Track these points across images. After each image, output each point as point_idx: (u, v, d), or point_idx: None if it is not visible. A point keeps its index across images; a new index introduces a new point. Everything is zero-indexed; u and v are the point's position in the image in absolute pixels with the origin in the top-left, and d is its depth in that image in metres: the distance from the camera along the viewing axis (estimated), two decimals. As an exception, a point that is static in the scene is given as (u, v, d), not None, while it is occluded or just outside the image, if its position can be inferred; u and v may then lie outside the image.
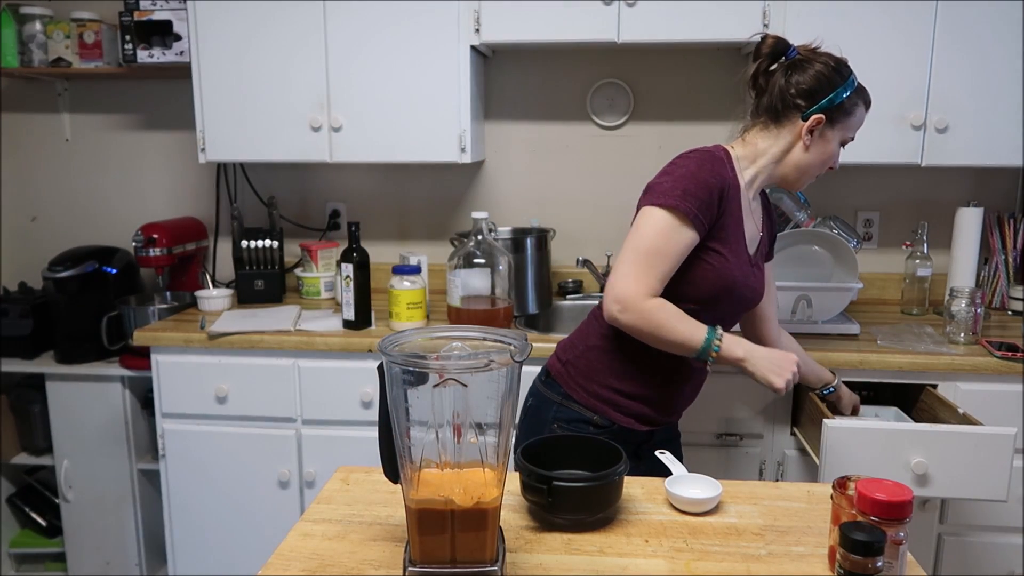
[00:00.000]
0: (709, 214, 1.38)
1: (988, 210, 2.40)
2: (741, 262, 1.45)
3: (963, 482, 1.56)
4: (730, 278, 1.43)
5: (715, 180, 1.39)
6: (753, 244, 1.51)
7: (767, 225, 1.60)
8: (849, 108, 1.45)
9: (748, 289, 1.47)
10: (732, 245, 1.43)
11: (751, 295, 1.49)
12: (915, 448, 1.55)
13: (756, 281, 1.50)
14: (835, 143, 1.47)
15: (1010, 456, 1.52)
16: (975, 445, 1.54)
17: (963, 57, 2.10)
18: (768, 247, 1.63)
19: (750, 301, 1.51)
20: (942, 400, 1.79)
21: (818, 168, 1.48)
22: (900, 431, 1.57)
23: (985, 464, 1.54)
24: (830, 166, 1.49)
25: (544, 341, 2.06)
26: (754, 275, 1.50)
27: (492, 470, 0.90)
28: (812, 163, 1.47)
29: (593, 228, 2.63)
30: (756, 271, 1.51)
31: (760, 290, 1.53)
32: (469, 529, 0.89)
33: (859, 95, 1.47)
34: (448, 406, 0.86)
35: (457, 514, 0.88)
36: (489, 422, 0.89)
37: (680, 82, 2.54)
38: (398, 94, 2.26)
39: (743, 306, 1.52)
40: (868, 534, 0.83)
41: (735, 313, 1.53)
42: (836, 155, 1.49)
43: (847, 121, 1.46)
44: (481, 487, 0.89)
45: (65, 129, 2.75)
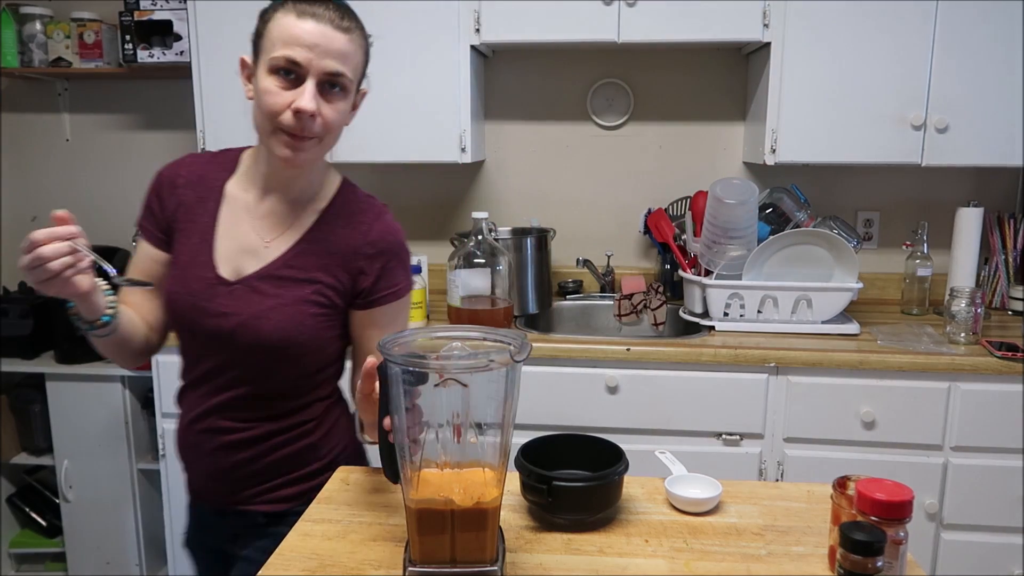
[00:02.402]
0: (153, 220, 1.24)
1: (988, 210, 2.40)
2: (195, 278, 1.18)
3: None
4: (176, 299, 1.19)
5: (157, 179, 1.25)
6: (247, 258, 1.19)
7: (320, 237, 1.21)
8: (260, 28, 1.14)
9: (214, 316, 1.16)
10: (185, 257, 1.20)
11: (227, 326, 1.16)
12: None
13: (237, 307, 1.16)
14: (262, 74, 1.11)
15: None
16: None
17: (963, 57, 2.10)
18: (326, 269, 1.20)
19: (233, 334, 1.16)
20: None
21: (261, 121, 1.13)
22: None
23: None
24: (295, 108, 1.09)
25: (544, 341, 2.06)
26: (233, 298, 1.17)
27: (492, 470, 0.90)
28: (256, 115, 1.14)
29: (593, 228, 2.63)
30: (244, 294, 1.17)
31: (241, 316, 1.16)
32: (469, 529, 0.89)
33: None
34: (448, 406, 0.86)
35: (457, 514, 0.88)
36: (489, 422, 0.89)
37: (680, 82, 2.54)
38: (398, 94, 2.26)
39: (225, 341, 1.17)
40: (868, 534, 0.83)
41: (219, 352, 1.19)
42: (270, 90, 1.09)
43: (264, 43, 1.12)
44: (481, 487, 0.89)
45: (65, 129, 2.75)
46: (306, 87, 1.09)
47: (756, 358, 1.96)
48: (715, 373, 1.99)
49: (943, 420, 1.95)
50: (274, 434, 1.24)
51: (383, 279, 1.23)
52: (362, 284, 1.22)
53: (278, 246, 1.20)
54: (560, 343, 2.05)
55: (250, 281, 1.18)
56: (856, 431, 1.97)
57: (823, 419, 1.98)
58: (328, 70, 1.10)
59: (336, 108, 1.14)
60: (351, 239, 1.21)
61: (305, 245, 1.20)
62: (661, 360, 2.00)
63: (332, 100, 1.13)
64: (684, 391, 2.00)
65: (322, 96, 1.11)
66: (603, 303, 2.50)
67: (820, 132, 2.17)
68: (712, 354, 1.98)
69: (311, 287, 1.19)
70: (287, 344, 1.17)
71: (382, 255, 1.22)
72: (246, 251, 1.20)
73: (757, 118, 2.33)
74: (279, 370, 1.21)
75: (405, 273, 1.26)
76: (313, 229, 1.21)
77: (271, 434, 1.24)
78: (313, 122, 1.11)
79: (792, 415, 1.99)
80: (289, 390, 1.24)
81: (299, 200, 1.22)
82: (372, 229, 1.22)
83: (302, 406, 1.26)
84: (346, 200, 1.25)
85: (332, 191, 1.25)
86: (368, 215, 1.24)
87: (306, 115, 1.09)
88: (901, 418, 1.95)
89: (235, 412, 1.23)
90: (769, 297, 2.12)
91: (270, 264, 1.19)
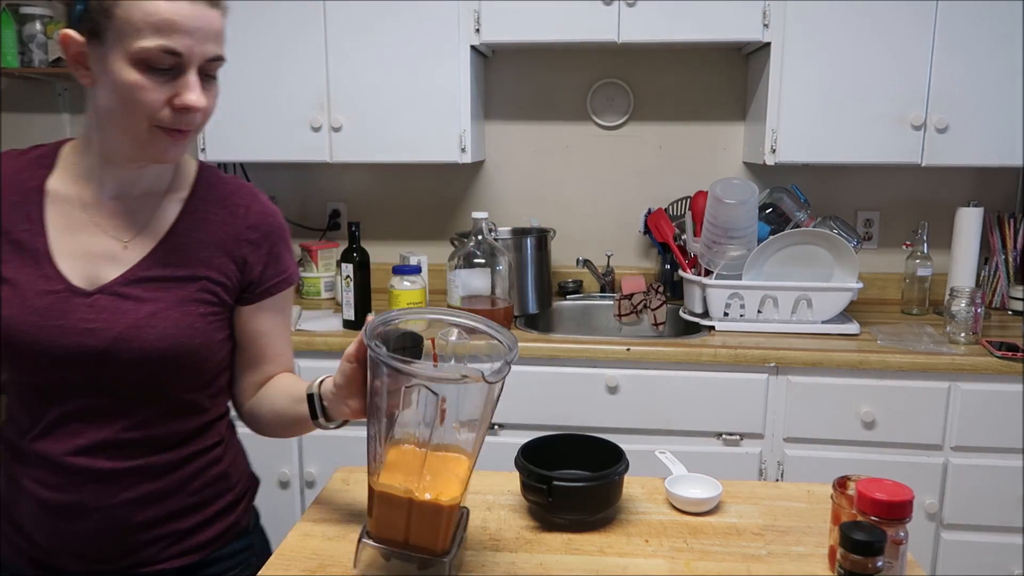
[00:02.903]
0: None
1: (988, 210, 2.39)
2: (37, 294, 0.98)
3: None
4: (14, 326, 0.97)
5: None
6: (102, 263, 1.01)
7: (185, 229, 1.06)
8: (105, 4, 0.90)
9: (75, 335, 0.97)
10: (14, 273, 0.99)
11: (97, 344, 0.97)
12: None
13: (106, 319, 0.98)
14: (121, 65, 0.90)
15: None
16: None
17: (963, 57, 2.09)
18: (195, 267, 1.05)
19: (108, 352, 0.97)
20: None
21: (125, 117, 0.93)
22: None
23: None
24: (180, 105, 0.93)
25: (544, 341, 2.06)
26: (97, 310, 0.99)
27: (465, 460, 0.92)
28: (110, 109, 0.94)
29: (593, 228, 2.63)
30: (111, 303, 0.99)
31: (115, 329, 0.98)
32: (425, 521, 0.90)
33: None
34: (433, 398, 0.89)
35: (415, 505, 0.89)
36: (465, 419, 0.91)
37: (680, 82, 2.54)
38: (398, 94, 2.26)
39: (97, 364, 0.98)
40: (868, 534, 0.83)
41: (88, 382, 0.99)
42: (143, 86, 0.91)
43: (118, 26, 0.89)
44: (445, 483, 0.91)
45: (65, 129, 2.75)
46: (189, 80, 0.93)
47: (756, 358, 1.96)
48: (715, 373, 1.99)
49: (943, 420, 1.95)
50: (178, 465, 1.06)
51: (271, 266, 1.11)
52: (250, 274, 1.09)
53: (141, 245, 1.03)
54: (560, 343, 2.05)
55: (114, 288, 1.00)
56: (856, 431, 1.97)
57: (823, 419, 1.98)
58: (210, 56, 0.94)
59: (213, 93, 0.99)
60: (229, 225, 1.08)
61: (176, 239, 1.04)
62: (661, 360, 2.00)
63: (209, 86, 0.98)
64: (684, 391, 2.00)
65: (201, 84, 0.96)
66: (603, 303, 2.50)
67: (820, 132, 2.17)
68: (712, 354, 1.98)
69: (194, 284, 1.04)
70: (179, 353, 1.01)
71: (267, 239, 1.10)
72: (99, 256, 1.01)
73: (757, 118, 2.33)
74: (172, 388, 1.04)
75: (291, 256, 1.15)
76: (181, 220, 1.06)
77: (175, 465, 1.06)
78: (196, 115, 0.96)
79: (792, 415, 1.99)
80: (186, 409, 1.07)
81: (152, 192, 1.05)
82: (251, 211, 1.10)
83: (205, 425, 1.10)
84: (212, 184, 1.10)
85: (191, 176, 1.09)
86: (243, 197, 1.11)
87: (193, 111, 0.94)
88: (901, 418, 1.95)
89: (121, 450, 1.02)
90: (769, 297, 2.12)
91: (137, 266, 1.02)
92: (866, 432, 1.97)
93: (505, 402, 2.06)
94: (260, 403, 1.13)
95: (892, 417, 1.95)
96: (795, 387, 1.98)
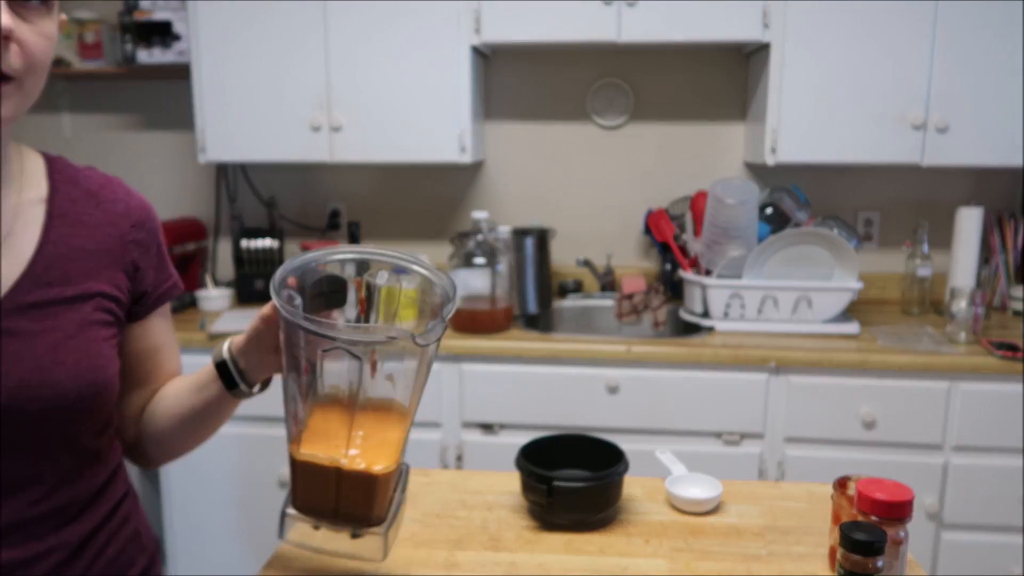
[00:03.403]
0: None
1: (988, 210, 2.40)
2: None
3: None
4: None
5: None
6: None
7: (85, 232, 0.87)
8: None
9: None
10: None
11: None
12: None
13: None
14: None
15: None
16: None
17: (963, 57, 2.09)
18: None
19: (6, 410, 0.77)
20: None
21: None
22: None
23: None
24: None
25: (544, 341, 2.06)
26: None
27: (402, 417, 0.84)
28: None
29: (593, 228, 2.63)
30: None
31: (13, 375, 0.77)
32: (356, 492, 0.81)
33: None
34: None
35: (344, 475, 0.80)
36: (399, 378, 0.83)
37: (680, 82, 2.54)
38: (398, 94, 2.26)
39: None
40: (868, 534, 0.83)
41: None
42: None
43: None
44: (376, 448, 0.82)
45: (65, 129, 2.75)
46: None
47: (756, 358, 1.96)
48: (715, 373, 1.99)
49: (943, 420, 1.95)
50: (91, 535, 0.86)
51: (161, 269, 0.95)
52: (142, 283, 0.92)
53: (10, 263, 0.81)
54: (560, 343, 2.05)
55: (2, 327, 0.78)
56: (856, 431, 1.97)
57: (823, 419, 1.98)
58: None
59: (41, 31, 0.76)
60: (111, 226, 0.89)
61: (52, 250, 0.83)
62: (661, 360, 2.00)
63: (31, 17, 0.75)
64: (684, 391, 2.00)
65: (16, 12, 0.74)
66: (603, 303, 2.50)
67: (820, 132, 2.17)
68: (712, 354, 1.98)
69: (88, 303, 0.84)
70: (94, 391, 0.82)
71: (153, 238, 0.94)
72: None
73: (757, 118, 2.33)
74: (81, 436, 0.85)
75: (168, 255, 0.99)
76: (51, 226, 0.84)
77: (88, 536, 0.86)
78: (8, 49, 0.73)
79: (792, 415, 1.99)
80: (91, 460, 0.87)
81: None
82: (131, 207, 0.92)
83: (111, 476, 0.91)
84: (72, 178, 0.90)
85: (40, 171, 0.89)
86: (115, 190, 0.92)
87: (5, 42, 0.72)
88: (901, 418, 1.95)
89: (27, 532, 0.80)
90: (769, 297, 2.12)
91: (14, 290, 0.80)
92: (866, 432, 1.97)
93: (505, 402, 2.06)
94: (151, 419, 0.96)
95: (892, 417, 1.95)
96: (795, 387, 1.98)
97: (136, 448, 0.99)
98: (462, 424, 2.10)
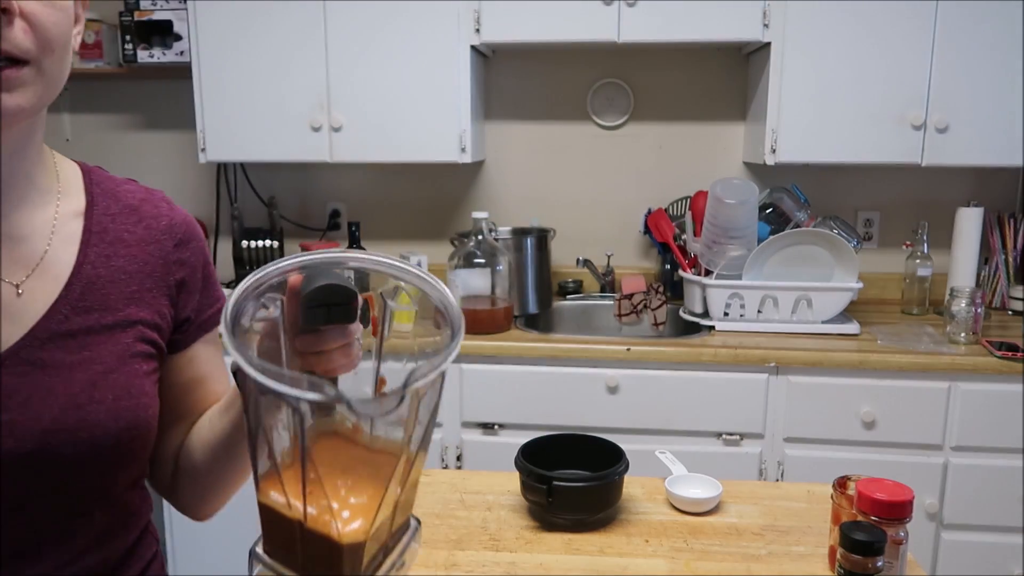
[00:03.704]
0: None
1: (988, 210, 2.39)
2: None
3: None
4: None
5: None
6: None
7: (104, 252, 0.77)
8: None
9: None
10: None
11: (19, 445, 0.67)
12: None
13: (25, 406, 0.68)
14: None
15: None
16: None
17: (963, 56, 2.09)
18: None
19: (37, 455, 0.68)
20: None
21: None
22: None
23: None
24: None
25: (544, 341, 2.06)
26: (7, 394, 0.67)
27: (403, 464, 0.64)
28: None
29: (593, 228, 2.63)
30: (26, 378, 0.68)
31: (46, 416, 0.68)
32: (320, 556, 0.63)
33: None
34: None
35: (306, 534, 0.62)
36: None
37: (680, 82, 2.54)
38: (398, 94, 2.26)
39: (16, 473, 0.67)
40: (868, 534, 0.83)
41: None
42: None
43: None
44: (361, 505, 0.63)
45: (65, 129, 2.75)
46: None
47: (756, 358, 1.96)
48: (715, 373, 1.99)
49: (943, 420, 1.95)
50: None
51: (207, 290, 0.84)
52: (185, 308, 0.82)
53: (43, 286, 0.72)
54: (560, 343, 2.05)
55: (22, 355, 0.68)
56: (856, 431, 1.97)
57: (823, 419, 1.98)
58: None
59: (53, 6, 0.67)
60: (154, 244, 0.80)
61: (90, 270, 0.74)
62: (661, 360, 2.00)
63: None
64: (684, 391, 2.00)
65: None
66: (603, 303, 2.50)
67: (820, 132, 2.17)
68: (712, 354, 1.98)
69: (128, 332, 0.75)
70: (134, 435, 0.73)
71: (199, 255, 0.84)
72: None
73: (757, 118, 2.33)
74: (118, 485, 0.76)
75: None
76: (89, 244, 0.75)
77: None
78: (10, 26, 0.63)
79: (792, 415, 1.99)
80: (123, 514, 0.79)
81: (31, 207, 0.73)
82: (175, 223, 0.82)
83: (143, 532, 0.83)
84: (111, 191, 0.80)
85: (76, 181, 0.79)
86: (157, 204, 0.83)
87: (10, 14, 0.63)
88: (901, 418, 1.95)
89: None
90: (769, 297, 2.12)
91: (46, 317, 0.71)
92: (866, 432, 1.97)
93: (505, 402, 2.06)
94: (187, 454, 0.84)
95: (892, 417, 1.95)
96: (795, 387, 1.98)
97: (174, 492, 0.88)
98: (462, 424, 2.10)
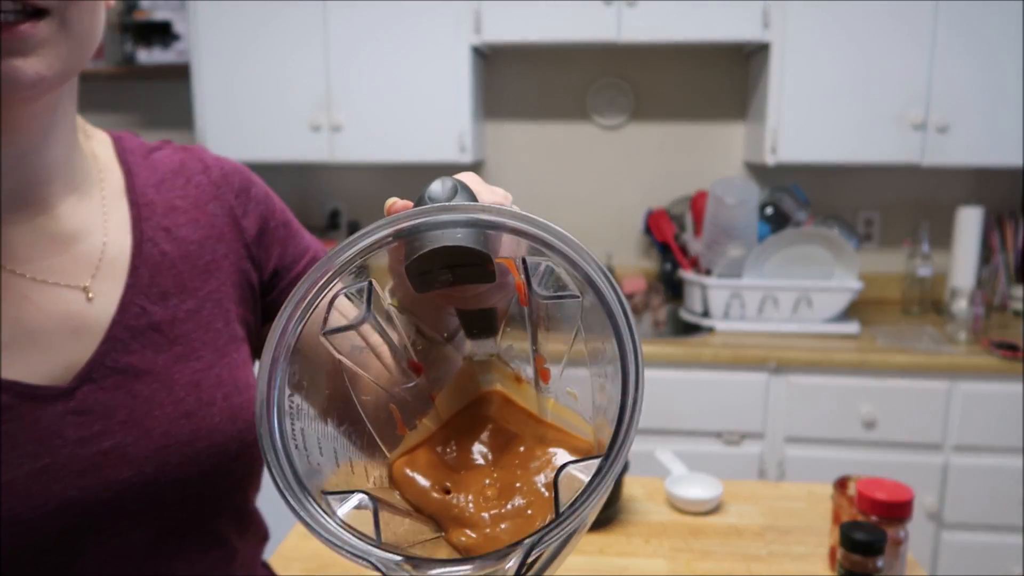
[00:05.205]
0: None
1: (989, 210, 2.39)
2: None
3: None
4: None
5: None
6: (62, 340, 0.57)
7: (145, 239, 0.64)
8: None
9: (25, 491, 0.53)
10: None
11: (72, 488, 0.55)
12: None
13: (89, 436, 0.56)
14: None
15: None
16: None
17: (964, 56, 2.09)
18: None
19: (117, 488, 0.56)
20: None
21: None
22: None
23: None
24: None
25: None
26: (72, 423, 0.56)
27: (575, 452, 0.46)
28: None
29: (593, 228, 2.63)
30: (122, 388, 0.58)
31: (156, 431, 0.58)
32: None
33: None
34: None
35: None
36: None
37: (680, 82, 2.54)
38: (398, 94, 2.26)
39: (133, 493, 0.57)
40: (868, 534, 0.83)
41: (112, 524, 0.57)
42: None
43: None
44: (514, 513, 0.45)
45: (65, 129, 2.75)
46: None
47: (756, 358, 1.96)
48: (715, 373, 1.99)
49: (943, 420, 1.95)
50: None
51: (290, 239, 0.73)
52: (269, 261, 0.70)
53: (111, 279, 0.60)
54: (560, 343, 2.05)
55: (111, 361, 0.58)
56: (856, 431, 1.97)
57: (823, 419, 1.98)
58: None
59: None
60: (211, 200, 0.68)
61: (151, 249, 0.63)
62: (661, 360, 2.00)
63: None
64: (684, 391, 2.00)
65: None
66: (603, 303, 2.49)
67: (820, 132, 2.17)
68: (712, 354, 1.98)
69: (217, 313, 0.65)
70: (253, 438, 0.61)
71: (266, 202, 0.73)
72: (53, 324, 0.56)
73: (757, 118, 2.33)
74: (247, 497, 0.69)
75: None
76: (141, 219, 0.63)
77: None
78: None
79: (792, 415, 1.99)
80: (253, 531, 0.72)
81: (76, 197, 0.61)
82: (225, 171, 0.71)
83: (250, 524, 0.72)
84: (146, 156, 0.68)
85: (109, 152, 0.66)
86: (202, 157, 0.71)
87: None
88: (901, 418, 1.95)
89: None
90: (769, 297, 2.12)
91: (122, 312, 0.59)
92: (866, 432, 1.97)
93: (505, 402, 2.06)
94: None
95: (892, 417, 1.95)
96: (795, 387, 1.98)
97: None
98: (462, 424, 2.09)
